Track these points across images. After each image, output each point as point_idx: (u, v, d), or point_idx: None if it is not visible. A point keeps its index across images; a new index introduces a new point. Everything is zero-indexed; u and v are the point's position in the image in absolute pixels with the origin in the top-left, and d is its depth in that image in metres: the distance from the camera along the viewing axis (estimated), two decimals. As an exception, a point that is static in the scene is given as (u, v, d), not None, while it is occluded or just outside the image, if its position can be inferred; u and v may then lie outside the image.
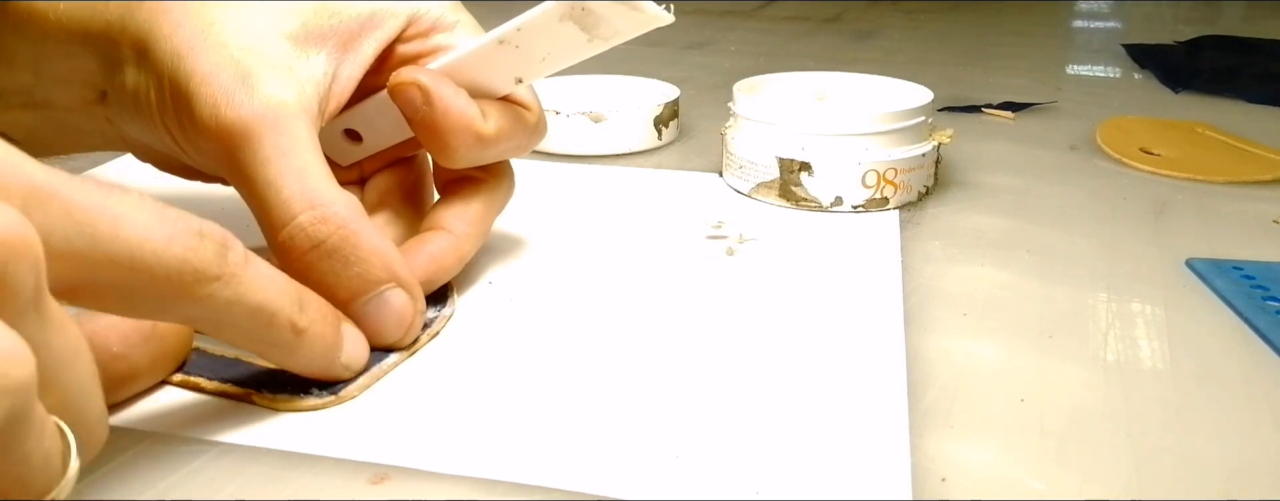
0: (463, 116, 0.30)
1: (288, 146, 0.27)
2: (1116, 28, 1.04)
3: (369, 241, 0.28)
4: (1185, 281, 0.37)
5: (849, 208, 0.44)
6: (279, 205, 0.27)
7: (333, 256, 0.27)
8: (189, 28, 0.28)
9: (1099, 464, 0.26)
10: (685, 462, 0.25)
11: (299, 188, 0.27)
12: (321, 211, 0.27)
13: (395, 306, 0.29)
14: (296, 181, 0.27)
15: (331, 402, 0.28)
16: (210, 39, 0.28)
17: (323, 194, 0.27)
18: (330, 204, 0.27)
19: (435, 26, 0.33)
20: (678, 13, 0.29)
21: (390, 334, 0.29)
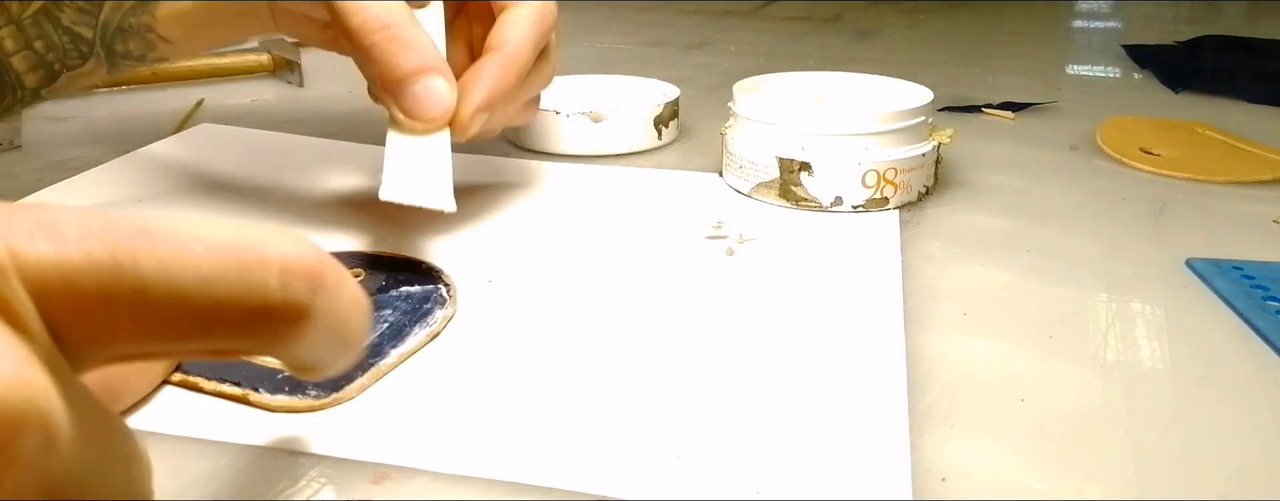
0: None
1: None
2: (1116, 28, 1.04)
3: (425, 37, 0.36)
4: (1185, 281, 0.37)
5: (849, 208, 0.44)
6: (363, 6, 0.36)
7: (395, 41, 0.36)
8: None
9: (1099, 464, 0.26)
10: (685, 462, 0.25)
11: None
12: (391, 7, 0.36)
13: (438, 90, 0.36)
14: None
15: (329, 403, 0.28)
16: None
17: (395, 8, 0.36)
18: (395, 4, 0.36)
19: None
20: (678, 13, 0.30)
21: (431, 110, 0.36)
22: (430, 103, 0.36)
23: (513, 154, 0.53)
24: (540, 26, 0.39)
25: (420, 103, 0.36)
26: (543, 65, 0.41)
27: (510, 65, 0.38)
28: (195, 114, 0.61)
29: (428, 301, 0.33)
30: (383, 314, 0.32)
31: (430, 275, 0.35)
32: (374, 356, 0.30)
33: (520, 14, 0.39)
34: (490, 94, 0.37)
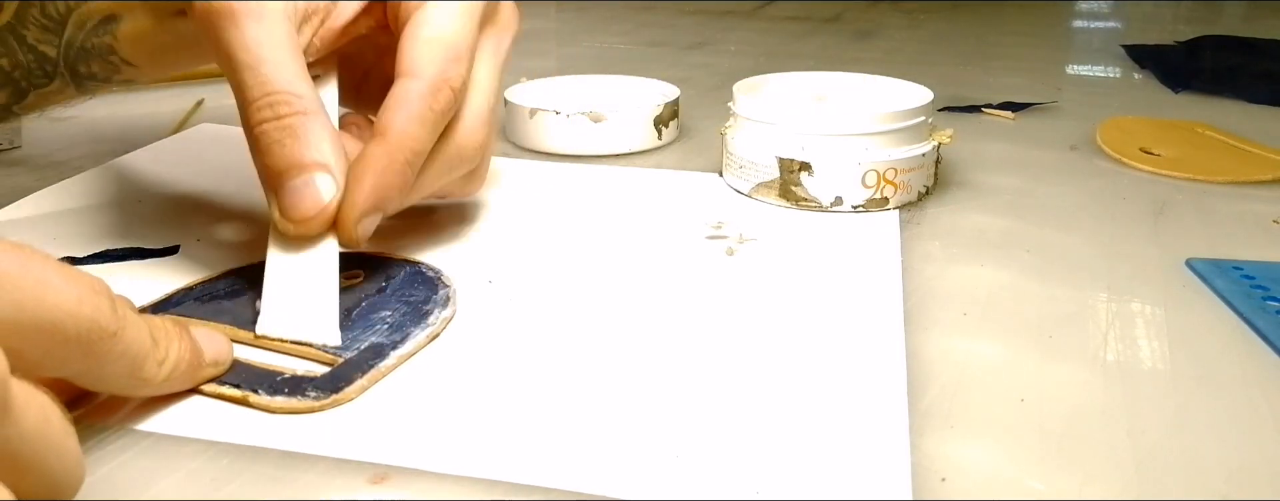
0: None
1: (267, 33, 0.31)
2: (1116, 28, 1.04)
3: (321, 128, 0.32)
4: (1185, 281, 0.37)
5: (849, 208, 0.44)
6: (257, 80, 0.31)
7: (285, 130, 0.31)
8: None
9: (1099, 464, 0.26)
10: (685, 462, 0.25)
11: (278, 70, 0.31)
12: (292, 93, 0.31)
13: (320, 190, 0.31)
14: (276, 64, 0.31)
15: (328, 404, 0.27)
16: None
17: (297, 81, 0.31)
18: (301, 90, 0.31)
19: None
20: (678, 13, 0.29)
21: (305, 211, 0.31)
22: (306, 201, 0.31)
23: (513, 154, 0.53)
24: (436, 95, 0.33)
25: (295, 200, 0.31)
26: (457, 135, 0.35)
27: (397, 155, 0.32)
28: (195, 114, 0.61)
29: (427, 303, 0.33)
30: (382, 315, 0.32)
31: (429, 276, 0.35)
32: (374, 358, 0.30)
33: (408, 82, 0.33)
34: (375, 194, 0.32)
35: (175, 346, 0.26)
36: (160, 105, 0.63)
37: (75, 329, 0.22)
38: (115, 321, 0.23)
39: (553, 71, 0.75)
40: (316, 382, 0.28)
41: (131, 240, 0.39)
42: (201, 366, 0.27)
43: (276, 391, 0.28)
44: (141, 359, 0.25)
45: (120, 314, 0.23)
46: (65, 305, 0.21)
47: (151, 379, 0.25)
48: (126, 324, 0.23)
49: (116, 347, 0.23)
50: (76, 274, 0.22)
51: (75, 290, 0.22)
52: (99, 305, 0.22)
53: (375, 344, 0.30)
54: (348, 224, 0.32)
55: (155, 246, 0.39)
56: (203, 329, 0.28)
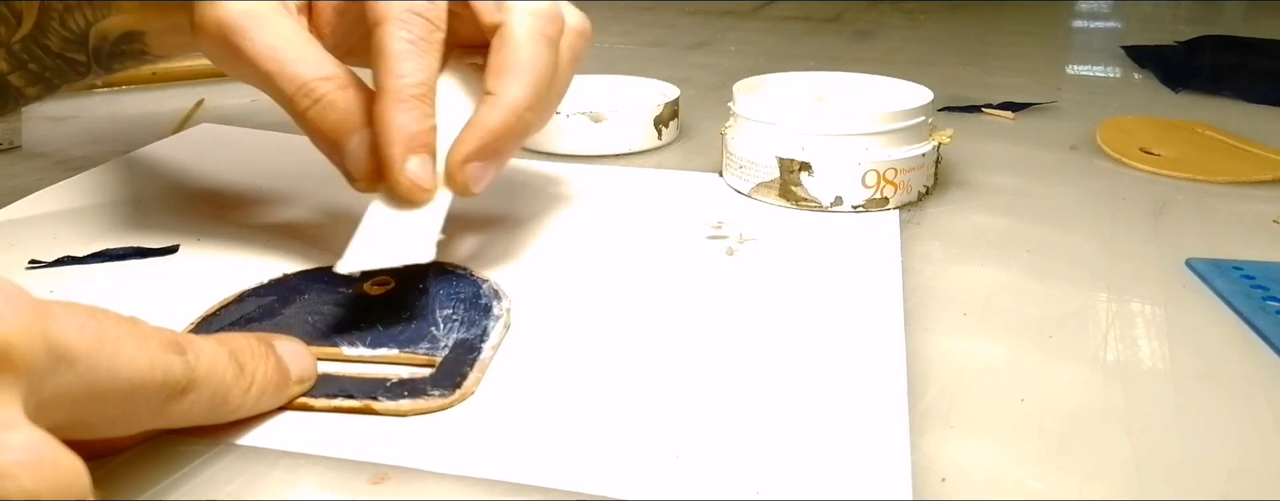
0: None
1: (277, 36, 0.33)
2: (1116, 28, 1.04)
3: (354, 98, 0.33)
4: (1185, 281, 0.37)
5: (849, 208, 0.44)
6: (287, 80, 0.32)
7: (325, 108, 0.33)
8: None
9: (1099, 464, 0.26)
10: (685, 462, 0.25)
11: (299, 66, 0.32)
12: (319, 78, 0.32)
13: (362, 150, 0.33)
14: (297, 61, 0.33)
15: (455, 400, 0.28)
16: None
17: (320, 66, 0.33)
18: (325, 71, 0.33)
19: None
20: (678, 13, 0.29)
21: (357, 171, 0.33)
22: (352, 163, 0.33)
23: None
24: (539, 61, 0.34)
25: (349, 165, 0.33)
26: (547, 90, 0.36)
27: (505, 121, 0.33)
28: (195, 114, 0.61)
29: (480, 297, 0.33)
30: (447, 314, 0.32)
31: (461, 273, 0.35)
32: (470, 352, 0.30)
33: (516, 42, 0.34)
34: (476, 143, 0.33)
35: (262, 368, 0.26)
36: (160, 105, 0.63)
37: (144, 393, 0.22)
38: (186, 375, 0.23)
39: (553, 71, 0.75)
40: (433, 381, 0.28)
41: (131, 240, 0.39)
42: (288, 384, 0.27)
43: (397, 396, 0.27)
44: (222, 395, 0.25)
45: (192, 364, 0.23)
46: (138, 372, 0.21)
47: (238, 408, 0.25)
48: (198, 373, 0.23)
49: (188, 399, 0.23)
50: (147, 334, 0.22)
51: (147, 354, 0.22)
52: (170, 366, 0.22)
53: (461, 340, 0.30)
54: (451, 171, 0.33)
55: (155, 246, 0.39)
56: (287, 343, 0.28)
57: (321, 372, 0.28)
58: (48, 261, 0.37)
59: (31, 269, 0.37)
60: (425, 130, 0.33)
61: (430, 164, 0.33)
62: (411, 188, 0.32)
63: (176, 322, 0.32)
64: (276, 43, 0.32)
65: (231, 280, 0.35)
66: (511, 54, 0.34)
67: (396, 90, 0.32)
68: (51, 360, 0.19)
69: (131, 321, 0.22)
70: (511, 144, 0.34)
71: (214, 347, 0.24)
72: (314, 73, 0.32)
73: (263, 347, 0.27)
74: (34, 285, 0.35)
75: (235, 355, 0.25)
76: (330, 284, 0.34)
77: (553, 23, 0.35)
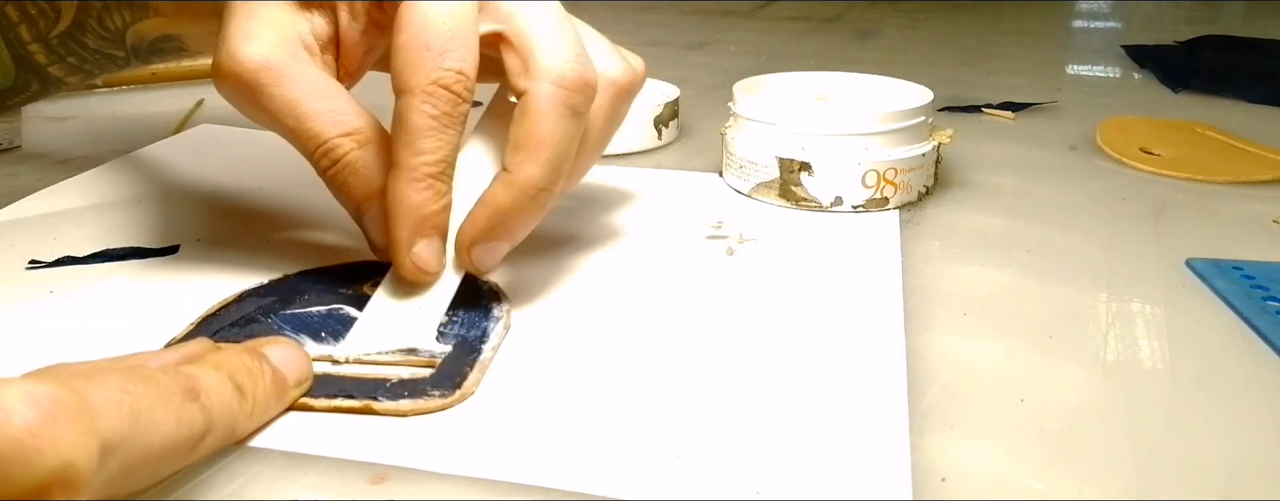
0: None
1: (295, 90, 0.31)
2: (1116, 28, 1.04)
3: (376, 159, 0.32)
4: (1185, 281, 0.37)
5: (849, 208, 0.44)
6: (308, 137, 0.31)
7: (346, 171, 0.32)
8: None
9: (1099, 464, 0.26)
10: (685, 462, 0.25)
11: (319, 121, 0.31)
12: (340, 136, 0.31)
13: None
14: (315, 116, 0.31)
15: (455, 400, 0.28)
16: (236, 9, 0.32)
17: (342, 122, 0.31)
18: (349, 127, 0.31)
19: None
20: (678, 13, 0.29)
21: (377, 240, 0.33)
22: (373, 232, 0.32)
23: (513, 154, 0.53)
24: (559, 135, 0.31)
25: (369, 231, 0.33)
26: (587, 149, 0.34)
27: (517, 202, 0.31)
28: (195, 114, 0.61)
29: (480, 297, 0.33)
30: (448, 315, 0.32)
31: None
32: (470, 352, 0.30)
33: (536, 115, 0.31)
34: (485, 225, 0.32)
35: (260, 384, 0.26)
36: (160, 105, 0.63)
37: (173, 452, 0.22)
38: (205, 421, 0.23)
39: (553, 71, 0.75)
40: (433, 382, 0.28)
41: (131, 240, 0.39)
42: (286, 390, 0.27)
43: (397, 396, 0.27)
44: (232, 425, 0.25)
45: (207, 407, 0.23)
46: (168, 436, 0.21)
47: (244, 430, 0.25)
48: (214, 415, 0.23)
49: (207, 441, 0.23)
50: (167, 388, 0.22)
51: (172, 413, 0.22)
52: (192, 418, 0.22)
53: (460, 340, 0.30)
54: (459, 250, 0.32)
55: (155, 246, 0.39)
56: (279, 348, 0.28)
57: (321, 373, 0.28)
58: (48, 261, 0.37)
59: (31, 269, 0.37)
60: (437, 211, 0.31)
61: (438, 247, 0.31)
62: (415, 272, 0.31)
63: (177, 323, 0.32)
64: (295, 96, 0.31)
65: (231, 280, 0.35)
66: (531, 128, 0.31)
67: (412, 168, 0.30)
68: (103, 458, 0.19)
69: (147, 374, 0.22)
70: (525, 223, 0.32)
71: (217, 380, 0.24)
72: (334, 129, 0.31)
73: (257, 362, 0.26)
74: (34, 285, 0.35)
75: (234, 378, 0.25)
76: (330, 284, 0.34)
77: (580, 92, 0.32)
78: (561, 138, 0.31)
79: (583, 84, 0.32)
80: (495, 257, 0.32)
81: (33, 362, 0.24)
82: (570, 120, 0.31)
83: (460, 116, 0.31)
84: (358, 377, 0.28)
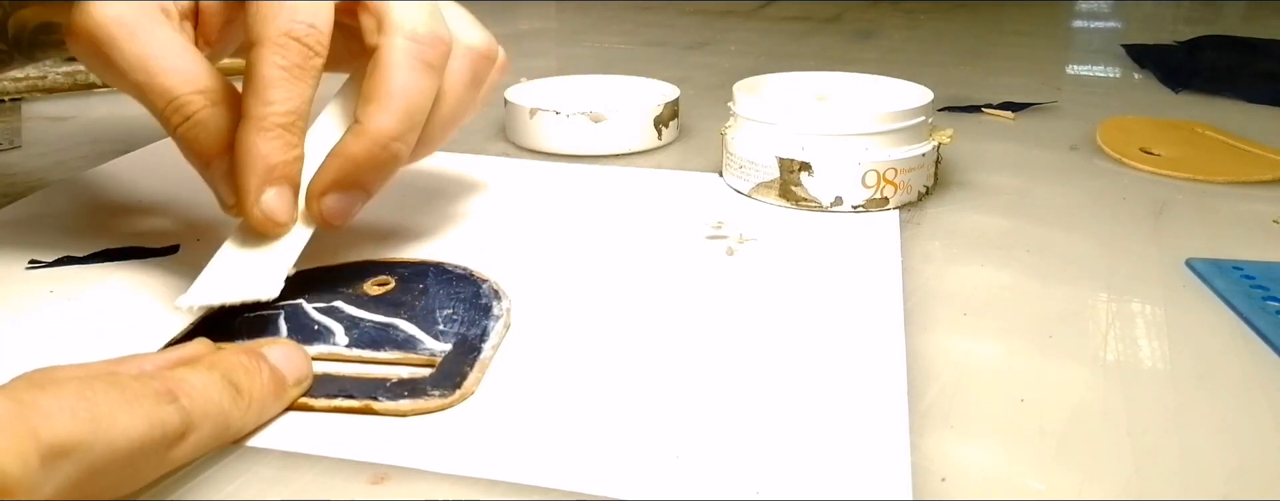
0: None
1: (146, 45, 0.31)
2: (1116, 28, 1.04)
3: (225, 116, 0.31)
4: (1185, 281, 0.37)
5: (849, 208, 0.44)
6: (158, 93, 0.31)
7: (197, 127, 0.31)
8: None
9: (1099, 464, 0.26)
10: (685, 462, 0.25)
11: (171, 77, 0.31)
12: (191, 93, 0.31)
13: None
14: (169, 72, 0.31)
15: (455, 400, 0.28)
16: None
17: (194, 79, 0.31)
18: (200, 85, 0.31)
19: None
20: (678, 13, 0.29)
21: (226, 197, 0.32)
22: (223, 188, 0.32)
23: (513, 154, 0.53)
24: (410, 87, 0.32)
25: (219, 189, 0.32)
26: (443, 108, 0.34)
27: (368, 152, 0.32)
28: (195, 114, 0.61)
29: (480, 296, 0.33)
30: (447, 314, 0.32)
31: (460, 273, 0.35)
32: (470, 352, 0.30)
33: (386, 66, 0.32)
34: (334, 175, 0.32)
35: (258, 382, 0.26)
36: (160, 105, 0.63)
37: (145, 453, 0.22)
38: (183, 421, 0.23)
39: (553, 71, 0.75)
40: (433, 381, 0.28)
41: (131, 240, 0.39)
42: (286, 389, 0.27)
43: (397, 396, 0.27)
44: (223, 423, 0.24)
45: (186, 408, 0.23)
46: (136, 438, 0.21)
47: (241, 429, 0.25)
48: (195, 415, 0.23)
49: (189, 440, 0.23)
50: (137, 391, 0.22)
51: (142, 415, 0.21)
52: (165, 419, 0.22)
53: (462, 339, 0.30)
54: (309, 200, 0.32)
55: (155, 246, 0.39)
56: (278, 348, 0.28)
57: (321, 373, 0.28)
58: (48, 261, 0.37)
59: (31, 269, 0.37)
60: (287, 161, 0.31)
61: (289, 196, 0.31)
62: (264, 221, 0.31)
63: (176, 323, 0.32)
64: (148, 52, 0.31)
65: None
66: (381, 80, 0.32)
67: (261, 117, 0.30)
68: (47, 463, 0.19)
69: (115, 379, 0.22)
70: (376, 176, 0.33)
71: (206, 378, 0.24)
72: (186, 86, 0.31)
73: (254, 361, 0.26)
74: (34, 285, 0.35)
75: (229, 377, 0.25)
76: (330, 284, 0.34)
77: (432, 47, 0.32)
78: (413, 90, 0.32)
79: (435, 38, 0.33)
80: (347, 211, 0.33)
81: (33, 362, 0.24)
82: (423, 73, 0.32)
83: (313, 70, 0.31)
84: (358, 377, 0.29)
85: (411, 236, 0.40)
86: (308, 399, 0.27)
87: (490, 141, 0.56)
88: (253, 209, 0.31)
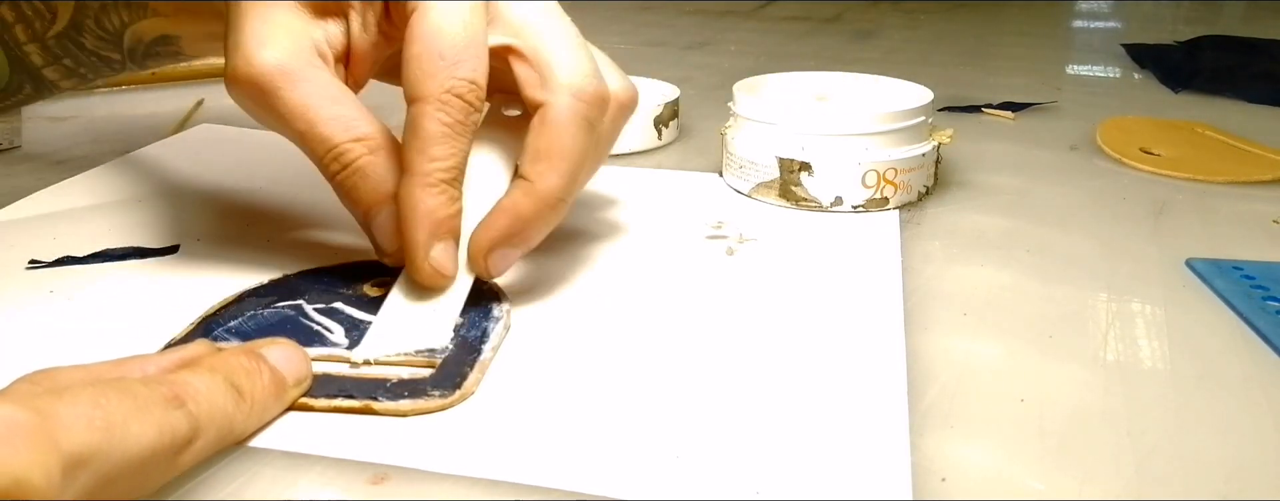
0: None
1: (306, 94, 0.31)
2: (1116, 28, 1.04)
3: (386, 164, 0.32)
4: (1185, 281, 0.37)
5: (849, 208, 0.44)
6: (319, 141, 0.31)
7: (356, 175, 0.32)
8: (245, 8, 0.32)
9: (1099, 464, 0.26)
10: (685, 462, 0.25)
11: (332, 126, 0.31)
12: (351, 141, 0.31)
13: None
14: (327, 121, 0.31)
15: (455, 400, 0.27)
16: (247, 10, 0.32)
17: (353, 127, 0.32)
18: (359, 133, 0.32)
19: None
20: (678, 13, 0.29)
21: (387, 245, 0.32)
22: (383, 236, 0.32)
23: (513, 154, 0.53)
24: (579, 147, 0.32)
25: (378, 236, 0.32)
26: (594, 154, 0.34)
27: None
28: (195, 114, 0.61)
29: (480, 298, 0.33)
30: None
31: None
32: (471, 353, 0.30)
33: (557, 126, 0.32)
34: (504, 232, 0.32)
35: (259, 384, 0.26)
36: (160, 105, 0.63)
37: (155, 460, 0.22)
38: (191, 426, 0.23)
39: (553, 71, 0.75)
40: (434, 382, 0.28)
41: (131, 240, 0.39)
42: (286, 390, 0.27)
43: (398, 396, 0.27)
44: (227, 427, 0.24)
45: (194, 413, 0.23)
46: (148, 445, 0.21)
47: (244, 431, 0.25)
48: (201, 420, 0.23)
49: (196, 445, 0.23)
50: (147, 398, 0.22)
51: (153, 422, 0.21)
52: (175, 425, 0.22)
53: (461, 341, 0.30)
54: (475, 255, 0.32)
55: (155, 246, 0.39)
56: (277, 348, 0.28)
57: (321, 373, 0.28)
58: (48, 261, 0.37)
59: (31, 269, 0.37)
60: (451, 215, 0.31)
61: (453, 250, 0.32)
62: (433, 275, 0.31)
63: (177, 323, 0.32)
64: (308, 101, 0.31)
65: (231, 280, 0.35)
66: (552, 139, 0.32)
67: (426, 173, 0.31)
68: (68, 472, 0.19)
69: (125, 386, 0.22)
70: (540, 231, 0.33)
71: (210, 382, 0.24)
72: (345, 135, 0.31)
73: (255, 362, 0.26)
74: (34, 285, 0.35)
75: (231, 379, 0.25)
76: (330, 284, 0.34)
77: (596, 106, 0.33)
78: (580, 149, 0.32)
79: (599, 98, 0.33)
80: (509, 263, 0.33)
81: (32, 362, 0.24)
82: (587, 132, 0.33)
83: (472, 125, 0.32)
84: (358, 377, 0.28)
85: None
86: (308, 399, 0.27)
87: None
88: (423, 264, 0.31)
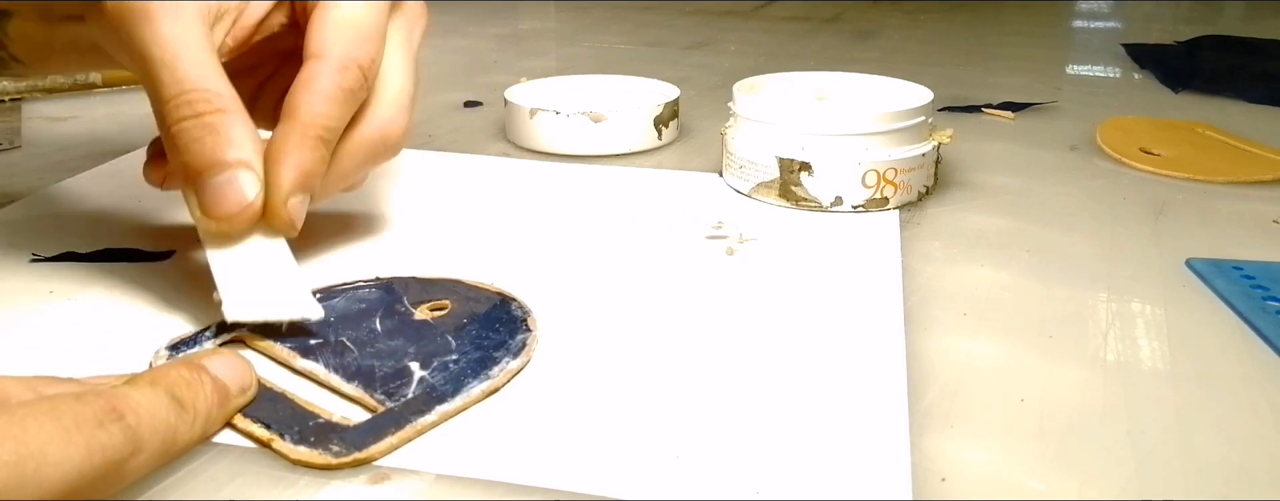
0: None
1: (183, 31, 0.31)
2: (1116, 28, 1.04)
3: (241, 125, 0.31)
4: (1185, 281, 0.37)
5: (849, 208, 0.44)
6: (174, 78, 0.30)
7: (205, 128, 0.30)
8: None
9: (1099, 464, 0.26)
10: (685, 462, 0.25)
11: (194, 67, 0.30)
12: (210, 90, 0.30)
13: (243, 187, 0.31)
14: (193, 62, 0.30)
15: (347, 463, 0.25)
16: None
17: (214, 78, 0.31)
18: (219, 87, 0.31)
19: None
20: (678, 13, 0.29)
21: (228, 208, 0.31)
22: (229, 198, 0.30)
23: (513, 154, 0.53)
24: (344, 72, 0.32)
25: (218, 198, 0.30)
26: (376, 121, 0.34)
27: (309, 132, 0.31)
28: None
29: (499, 349, 0.30)
30: (448, 360, 0.29)
31: (517, 316, 0.33)
32: (417, 412, 0.27)
33: (316, 62, 0.32)
34: (295, 172, 0.31)
35: (201, 396, 0.25)
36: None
37: (87, 480, 0.21)
38: (129, 441, 0.22)
39: (553, 71, 0.75)
40: (344, 435, 0.26)
41: (131, 241, 0.39)
42: (229, 399, 0.26)
43: (301, 440, 0.26)
44: (170, 439, 0.24)
45: (133, 426, 0.22)
46: (72, 468, 0.20)
47: (187, 444, 0.25)
48: (142, 433, 0.22)
49: (137, 460, 0.22)
50: (77, 416, 0.21)
51: (80, 443, 0.21)
52: (108, 443, 0.21)
53: (427, 391, 0.28)
54: (276, 207, 0.31)
55: (151, 250, 0.39)
56: (220, 358, 0.27)
57: (278, 392, 0.28)
58: (50, 256, 0.37)
59: (35, 262, 0.37)
60: (316, 173, 0.32)
61: (306, 204, 0.32)
62: (287, 224, 0.31)
63: (176, 323, 0.32)
64: (182, 37, 0.30)
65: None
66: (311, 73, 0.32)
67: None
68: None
69: (54, 407, 0.21)
70: (321, 166, 0.33)
71: (150, 395, 0.24)
72: (204, 83, 0.30)
73: (196, 373, 0.26)
74: (34, 285, 0.35)
75: (172, 391, 0.24)
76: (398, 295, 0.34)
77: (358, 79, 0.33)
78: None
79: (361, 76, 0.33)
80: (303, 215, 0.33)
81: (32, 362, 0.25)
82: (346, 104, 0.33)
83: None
84: (295, 403, 0.27)
85: (410, 237, 0.40)
86: (240, 413, 0.27)
87: (490, 141, 0.56)
88: (281, 211, 0.31)
